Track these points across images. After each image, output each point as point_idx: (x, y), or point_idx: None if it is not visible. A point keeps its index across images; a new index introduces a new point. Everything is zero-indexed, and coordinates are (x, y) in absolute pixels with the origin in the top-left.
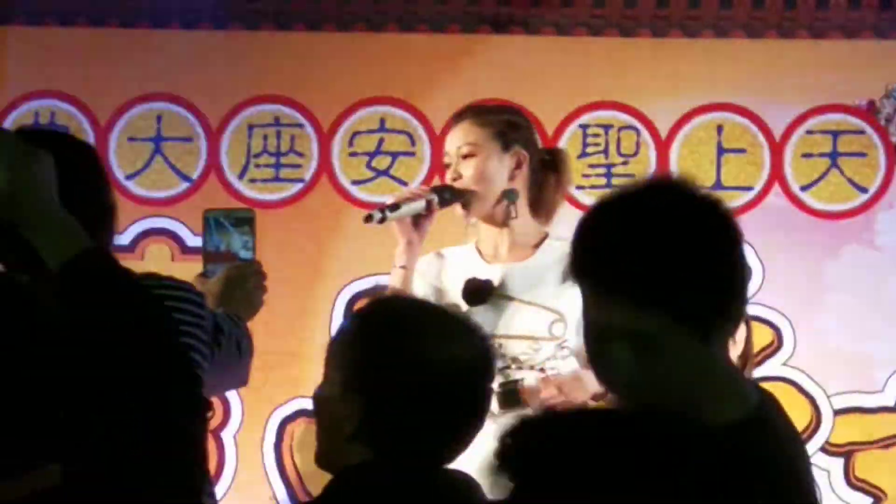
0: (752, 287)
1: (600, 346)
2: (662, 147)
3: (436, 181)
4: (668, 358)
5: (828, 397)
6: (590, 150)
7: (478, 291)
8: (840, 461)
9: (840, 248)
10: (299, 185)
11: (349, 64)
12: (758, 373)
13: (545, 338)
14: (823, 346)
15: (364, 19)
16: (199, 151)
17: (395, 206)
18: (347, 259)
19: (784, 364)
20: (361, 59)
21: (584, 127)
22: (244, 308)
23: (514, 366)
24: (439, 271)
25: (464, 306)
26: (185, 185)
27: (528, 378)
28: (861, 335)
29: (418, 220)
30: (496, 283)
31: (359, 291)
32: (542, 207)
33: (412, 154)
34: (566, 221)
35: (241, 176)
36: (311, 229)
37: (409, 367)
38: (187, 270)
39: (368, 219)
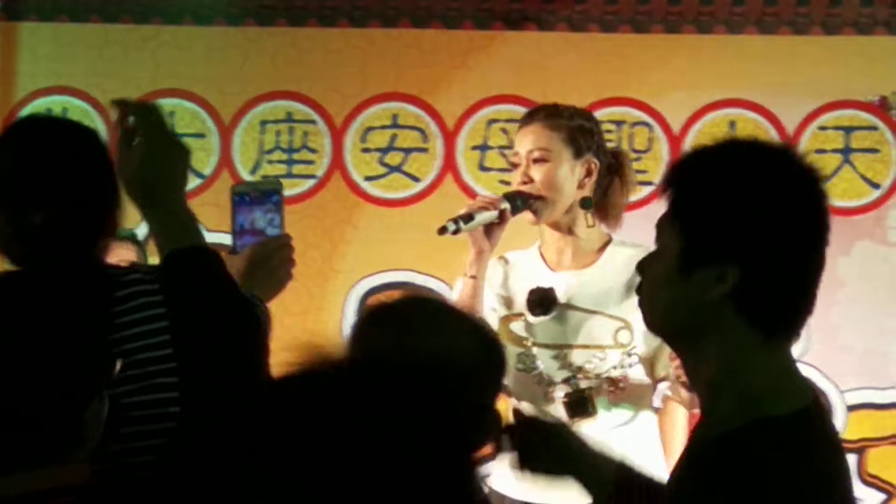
0: None
1: (661, 279)
2: (675, 143)
3: (507, 188)
4: (762, 286)
5: (840, 393)
6: None
7: (543, 301)
8: (853, 457)
9: (853, 244)
10: (312, 181)
11: (362, 60)
12: None
13: (611, 346)
14: (836, 342)
15: (377, 15)
16: (211, 148)
17: (469, 217)
18: (360, 255)
19: (797, 360)
20: (374, 55)
21: None
22: (269, 285)
23: (580, 375)
24: (504, 278)
25: (529, 316)
26: (197, 182)
27: (595, 385)
28: (874, 331)
29: (490, 229)
30: (561, 291)
31: (372, 287)
32: (609, 212)
33: (425, 150)
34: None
35: (253, 172)
36: (324, 225)
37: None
38: None
39: (443, 230)
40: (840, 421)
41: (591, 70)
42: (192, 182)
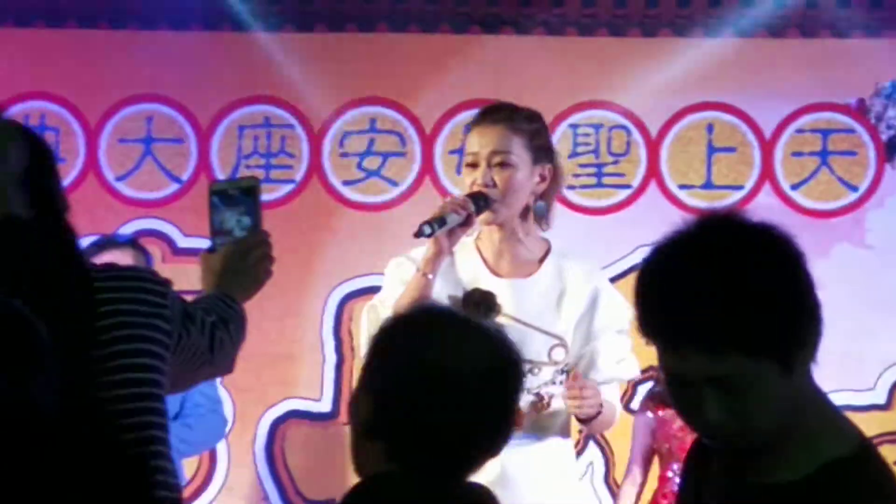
0: None
1: (684, 395)
2: (653, 146)
3: (461, 188)
4: (752, 397)
5: None
6: (580, 149)
7: (479, 305)
8: None
9: (831, 246)
10: (290, 186)
11: (339, 64)
12: None
13: (544, 362)
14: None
15: (354, 19)
16: (189, 153)
17: (442, 221)
18: (339, 259)
19: None
20: (351, 59)
21: (574, 126)
22: (246, 284)
23: None
24: (450, 272)
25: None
26: (175, 187)
27: (523, 401)
28: (852, 333)
29: (453, 230)
30: (499, 300)
31: (350, 292)
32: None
33: (403, 154)
34: (558, 222)
35: (231, 177)
36: (302, 230)
37: (421, 372)
38: (178, 272)
39: (420, 234)
40: None
41: (568, 73)
42: (170, 187)
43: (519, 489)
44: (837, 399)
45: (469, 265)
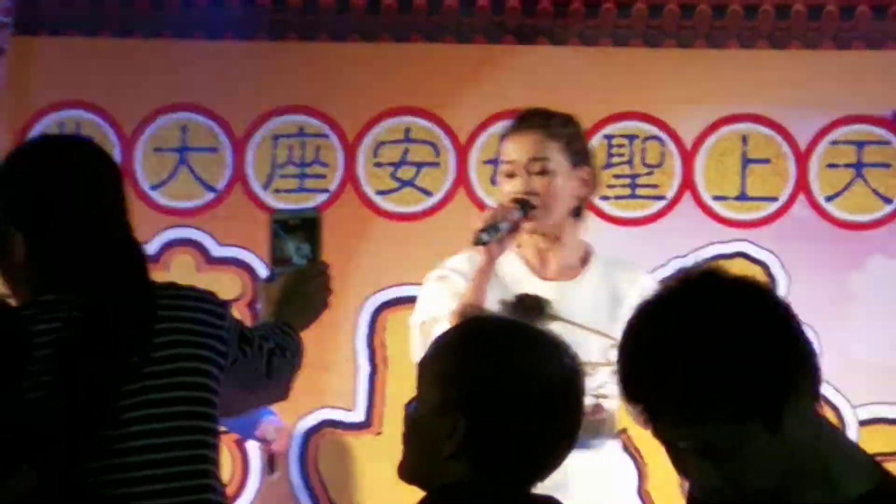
0: None
1: (678, 460)
2: (687, 157)
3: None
4: (742, 460)
5: (853, 408)
6: (614, 160)
7: (533, 309)
8: None
9: (865, 258)
10: (324, 196)
11: (374, 74)
12: None
13: (601, 363)
14: (848, 356)
15: (389, 30)
16: (224, 162)
17: (496, 228)
18: (373, 270)
19: None
20: (386, 69)
21: (608, 137)
22: (304, 313)
23: None
24: (493, 279)
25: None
26: (210, 196)
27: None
28: (886, 346)
29: (503, 238)
30: (549, 301)
31: (384, 302)
32: (581, 216)
33: (437, 164)
34: (592, 233)
35: (265, 186)
36: (336, 240)
37: (510, 380)
38: (212, 281)
39: (479, 241)
40: (853, 436)
41: (603, 84)
42: (205, 196)
43: (579, 494)
44: (871, 412)
45: (512, 270)
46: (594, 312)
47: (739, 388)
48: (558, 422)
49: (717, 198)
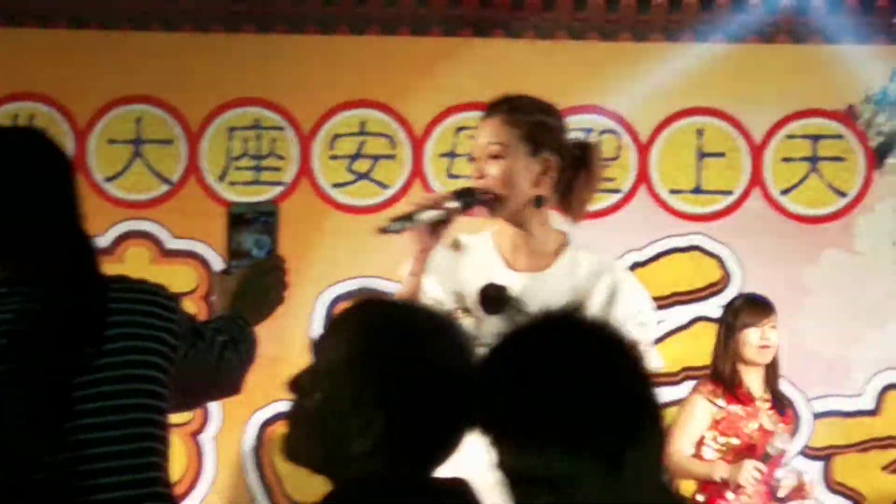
0: (733, 291)
1: (521, 495)
2: (643, 151)
3: (452, 185)
4: (582, 492)
5: (807, 401)
6: None
7: (496, 299)
8: (819, 465)
9: (819, 252)
10: (279, 188)
11: (330, 67)
12: None
13: None
14: (803, 349)
15: (346, 22)
16: (178, 154)
17: (409, 216)
18: (328, 262)
19: None
20: (342, 61)
21: None
22: (260, 306)
23: None
24: (455, 268)
25: (479, 313)
26: (164, 188)
27: None
28: (840, 339)
29: (436, 226)
30: (514, 292)
31: (339, 295)
32: (571, 206)
33: (392, 157)
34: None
35: (221, 178)
36: (292, 232)
37: (423, 376)
38: (167, 273)
39: (385, 230)
40: (807, 429)
41: (559, 77)
42: (160, 188)
43: None
44: (825, 404)
45: (484, 260)
46: (557, 305)
47: (582, 420)
48: (465, 412)
49: (672, 191)
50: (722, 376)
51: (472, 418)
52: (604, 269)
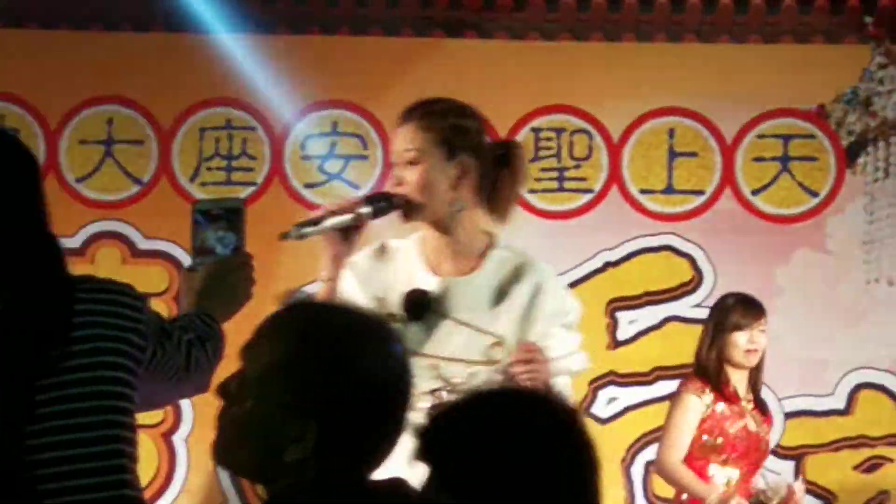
0: (705, 291)
1: None
2: (614, 150)
3: (371, 189)
4: None
5: (779, 400)
6: (542, 153)
7: (417, 305)
8: (791, 464)
9: (791, 252)
10: (251, 189)
11: (302, 67)
12: None
13: (482, 362)
14: (774, 349)
15: (317, 22)
16: (150, 154)
17: (315, 222)
18: (299, 263)
19: None
20: (314, 62)
21: (536, 130)
22: (226, 303)
23: (447, 388)
24: (377, 273)
25: (403, 318)
26: (136, 189)
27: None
28: (812, 339)
29: (347, 232)
30: (437, 298)
31: (311, 295)
32: (497, 206)
33: (364, 157)
34: (519, 226)
35: (192, 179)
36: (263, 233)
37: (359, 385)
38: (138, 274)
39: (285, 236)
40: (778, 429)
41: (530, 78)
42: (131, 189)
43: None
44: (797, 404)
45: (408, 265)
46: (480, 309)
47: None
48: (400, 415)
49: (643, 191)
50: (707, 373)
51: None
52: (528, 269)
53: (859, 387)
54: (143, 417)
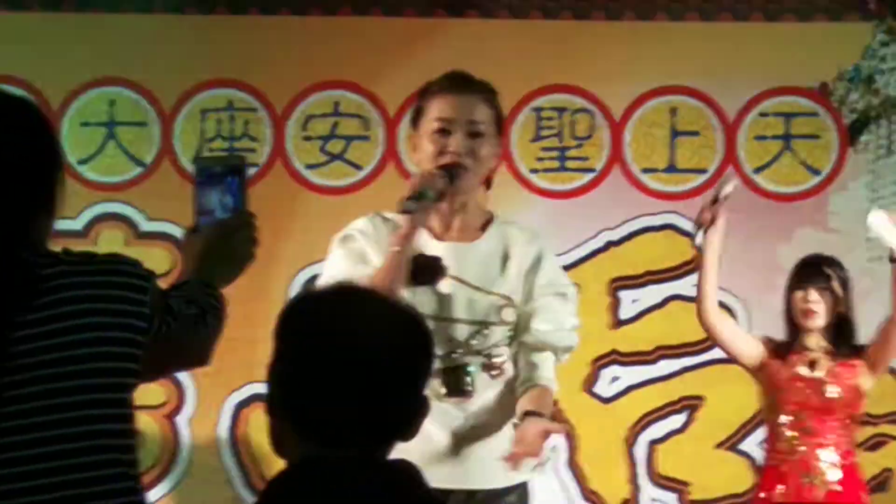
0: None
1: None
2: (616, 130)
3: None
4: None
5: None
6: (544, 133)
7: (429, 270)
8: None
9: (793, 230)
10: (253, 170)
11: (303, 48)
12: (710, 355)
13: (495, 323)
14: (777, 327)
15: (318, 3)
16: (152, 136)
17: (422, 195)
18: (302, 243)
19: None
20: (316, 42)
21: (538, 110)
22: (228, 267)
23: (461, 349)
24: (387, 240)
25: (411, 283)
26: (138, 170)
27: (474, 363)
28: None
29: (428, 206)
30: (446, 262)
31: (313, 276)
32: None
33: (366, 138)
34: (521, 206)
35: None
36: (266, 214)
37: (317, 343)
38: (140, 255)
39: (405, 211)
40: None
41: (532, 57)
42: (133, 170)
43: (470, 464)
44: None
45: None
46: (488, 272)
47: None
48: (386, 387)
49: (645, 170)
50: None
51: (412, 396)
52: (531, 240)
53: None
54: (146, 399)
